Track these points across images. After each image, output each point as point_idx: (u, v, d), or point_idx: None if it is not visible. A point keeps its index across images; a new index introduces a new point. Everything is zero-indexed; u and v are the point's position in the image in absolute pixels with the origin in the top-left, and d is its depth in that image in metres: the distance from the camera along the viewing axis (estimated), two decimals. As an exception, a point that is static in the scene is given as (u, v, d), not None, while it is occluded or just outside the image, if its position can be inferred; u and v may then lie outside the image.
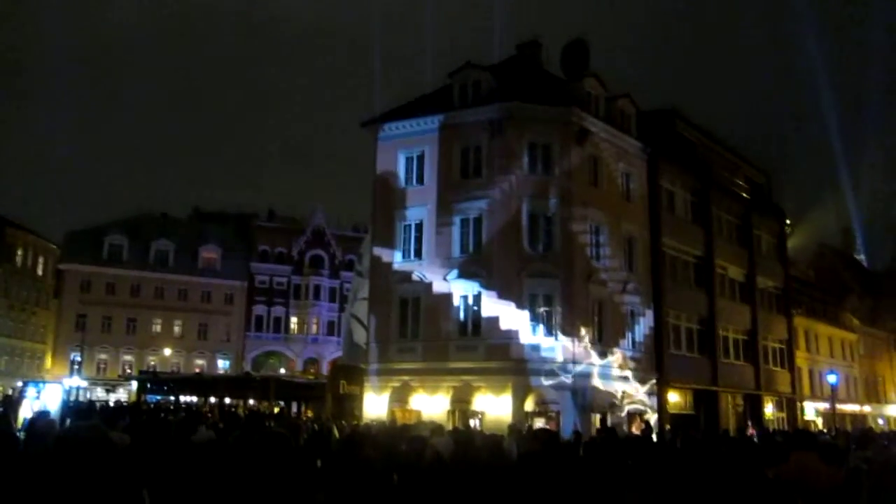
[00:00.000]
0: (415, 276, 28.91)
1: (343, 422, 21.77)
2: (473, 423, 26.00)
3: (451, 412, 26.85)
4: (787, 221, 45.74)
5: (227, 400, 36.11)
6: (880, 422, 50.19)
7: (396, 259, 29.58)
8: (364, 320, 30.86)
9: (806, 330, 46.60)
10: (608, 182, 30.46)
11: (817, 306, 49.96)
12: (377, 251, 30.18)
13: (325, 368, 56.69)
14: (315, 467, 10.88)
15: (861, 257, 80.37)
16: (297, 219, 69.49)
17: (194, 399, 39.06)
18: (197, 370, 57.42)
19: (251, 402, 35.38)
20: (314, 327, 65.36)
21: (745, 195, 40.70)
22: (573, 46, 35.24)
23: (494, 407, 26.08)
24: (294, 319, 64.95)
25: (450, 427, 18.64)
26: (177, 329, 61.24)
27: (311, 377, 44.74)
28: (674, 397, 32.34)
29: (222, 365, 61.20)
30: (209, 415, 24.06)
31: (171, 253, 61.43)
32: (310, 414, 31.36)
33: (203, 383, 40.62)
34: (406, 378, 28.14)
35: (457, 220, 28.72)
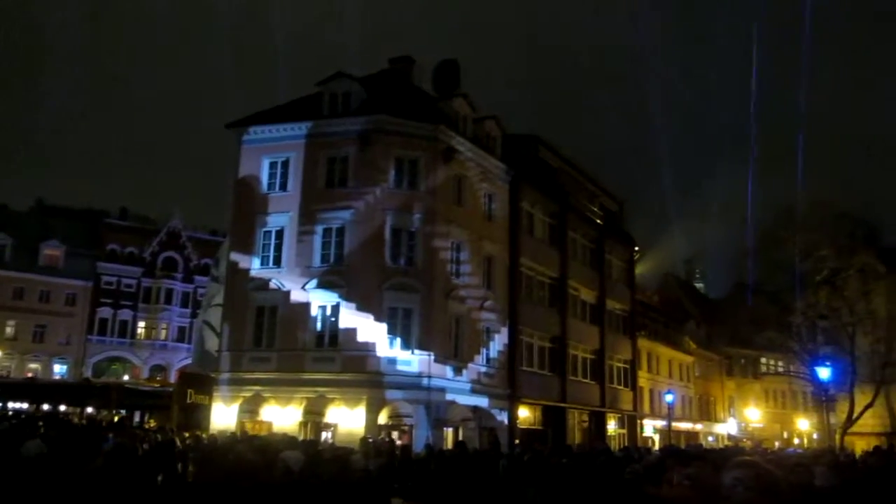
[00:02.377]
0: (273, 284, 28.31)
1: (187, 433, 20.90)
2: (326, 435, 25.74)
3: (304, 424, 26.44)
4: (637, 249, 48.27)
5: (63, 408, 33.83)
6: (710, 439, 53.74)
7: (255, 266, 28.85)
8: (217, 327, 29.89)
9: (648, 351, 49.26)
10: (471, 201, 31.09)
11: (660, 330, 52.97)
12: (235, 257, 29.33)
13: (173, 377, 54.26)
14: (155, 480, 10.39)
15: (701, 286, 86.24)
16: (153, 219, 66.44)
17: (25, 406, 36.29)
18: (30, 375, 53.40)
19: (90, 410, 33.32)
20: (163, 333, 62.40)
21: (599, 221, 42.65)
22: (445, 66, 35.85)
23: (348, 420, 25.88)
24: (142, 324, 61.72)
25: (302, 439, 18.37)
26: (9, 330, 56.71)
27: (156, 385, 42.73)
28: (524, 413, 33.29)
29: (59, 370, 57.24)
30: (41, 424, 22.44)
31: (7, 248, 56.92)
32: (153, 424, 29.90)
33: (36, 389, 37.86)
34: (258, 388, 27.43)
35: (319, 229, 28.41)
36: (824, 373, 32.82)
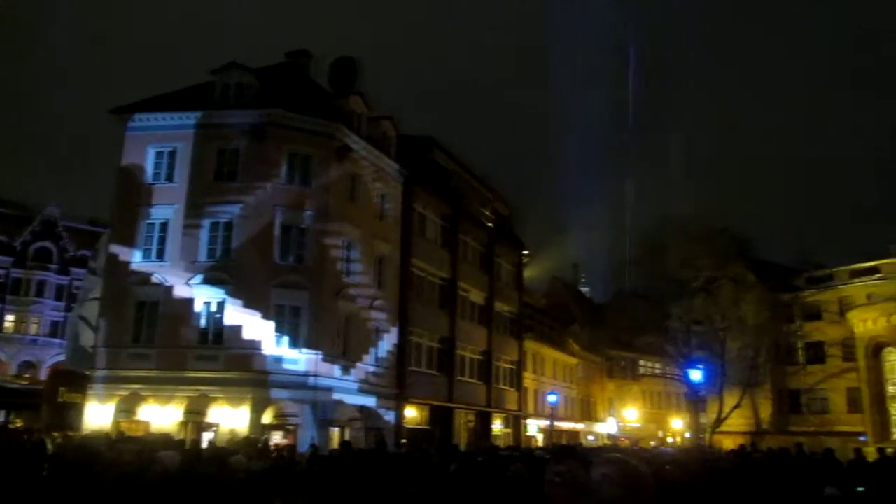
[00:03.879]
0: (155, 279, 27.27)
1: (56, 433, 19.85)
2: (207, 435, 25.02)
3: (184, 424, 25.59)
4: (525, 252, 49.36)
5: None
6: (590, 438, 55.53)
7: (136, 259, 27.70)
8: (94, 322, 28.53)
9: (534, 353, 50.42)
10: (365, 200, 30.96)
11: (546, 332, 54.34)
12: (115, 249, 28.06)
13: (44, 374, 51.33)
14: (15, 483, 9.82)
15: (586, 290, 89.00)
16: (26, 205, 62.56)
17: None
18: None
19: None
20: (34, 327, 58.83)
21: (490, 225, 43.37)
22: (342, 63, 35.53)
23: (231, 419, 25.26)
24: (10, 317, 57.99)
25: (183, 440, 17.77)
26: None
27: (25, 383, 40.30)
28: (412, 413, 33.42)
29: (-87, 365, 53.14)
30: None
31: None
32: (19, 424, 28.22)
33: None
34: (136, 387, 26.34)
35: (206, 223, 27.60)
36: (696, 375, 34.62)
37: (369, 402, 29.86)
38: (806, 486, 9.54)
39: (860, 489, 11.03)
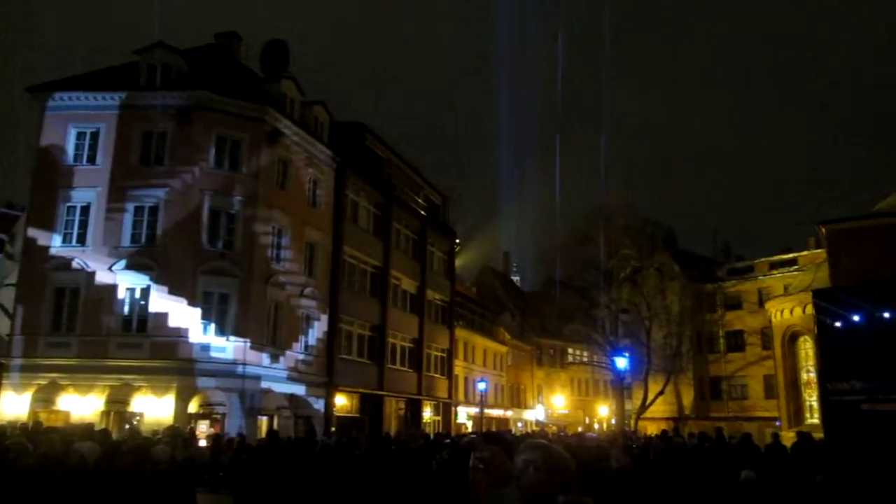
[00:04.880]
0: (75, 264, 26.34)
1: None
2: (130, 425, 24.40)
3: (106, 414, 24.89)
4: (457, 241, 49.62)
5: None
6: (519, 425, 56.31)
7: (55, 243, 26.67)
8: (9, 309, 27.43)
9: (465, 341, 50.77)
10: (295, 186, 30.54)
11: (476, 320, 54.76)
12: (33, 233, 26.94)
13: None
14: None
15: (517, 279, 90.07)
16: (-65, 186, 59.73)
17: None
18: None
19: None
20: (-55, 314, 56.28)
21: (423, 213, 43.37)
22: (273, 46, 34.86)
23: (155, 409, 24.66)
24: (-82, 303, 55.33)
25: (108, 430, 17.27)
26: None
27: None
28: (341, 401, 33.26)
29: None
30: None
31: None
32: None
33: None
34: (55, 376, 25.42)
35: (131, 207, 26.78)
36: (622, 362, 35.48)
37: (298, 390, 29.58)
38: (723, 469, 9.87)
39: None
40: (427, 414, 42.08)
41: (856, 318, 27.25)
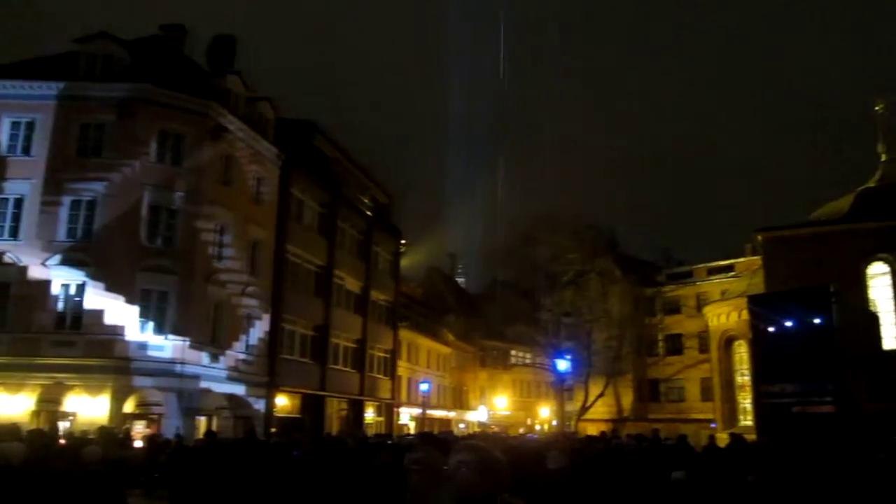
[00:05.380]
0: (7, 258, 25.49)
1: None
2: (63, 426, 23.68)
3: (37, 414, 24.11)
4: (403, 242, 49.52)
5: None
6: (461, 426, 56.48)
7: (-14, 237, 25.81)
8: (-65, 304, 26.40)
9: (409, 342, 50.71)
10: (240, 183, 30.11)
11: (421, 321, 54.74)
12: (-38, 225, 26.02)
13: None
14: None
15: (462, 281, 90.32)
16: None
17: None
18: None
19: None
20: None
21: (369, 213, 43.20)
22: (220, 41, 34.38)
23: (89, 408, 24.00)
24: None
25: (42, 429, 16.74)
26: None
27: None
28: (283, 401, 32.90)
29: None
30: None
31: None
32: None
33: None
34: (-17, 374, 24.55)
35: (67, 200, 26.04)
36: (563, 364, 35.93)
37: (239, 390, 29.16)
38: (658, 470, 10.07)
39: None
40: (370, 415, 41.92)
41: (788, 323, 28.10)
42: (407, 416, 49.41)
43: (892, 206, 33.95)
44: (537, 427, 63.43)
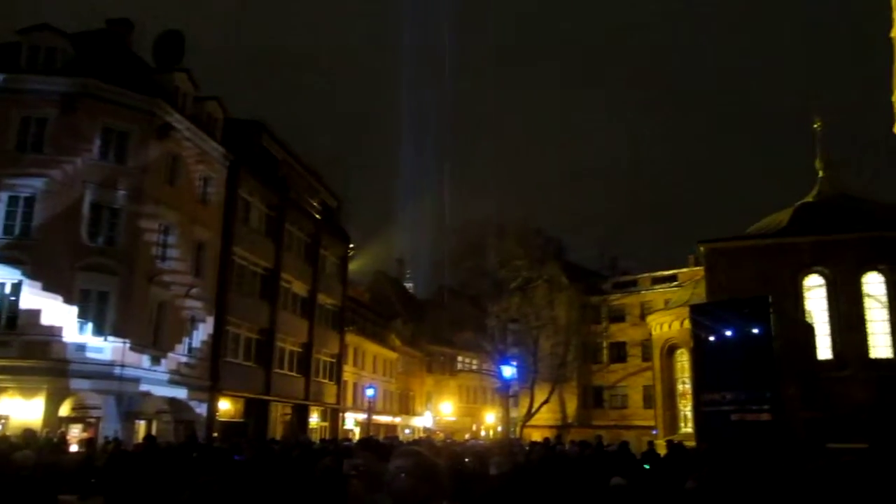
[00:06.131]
0: (-61, 255, 24.60)
1: None
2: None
3: (-34, 416, 23.30)
4: (351, 246, 49.30)
5: None
6: (407, 431, 56.41)
7: (-84, 232, 24.85)
8: None
9: (355, 347, 50.45)
10: (185, 183, 29.60)
11: (368, 326, 54.53)
12: None
13: None
14: None
15: (410, 285, 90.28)
16: None
17: None
18: None
19: None
20: None
21: (317, 216, 42.89)
22: (168, 37, 33.77)
23: (23, 411, 23.27)
24: None
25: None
26: None
27: None
28: (225, 405, 32.40)
29: None
30: None
31: None
32: None
33: None
34: None
35: (4, 196, 25.24)
36: (508, 371, 36.17)
37: (180, 393, 28.61)
38: (599, 476, 10.21)
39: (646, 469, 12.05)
40: (314, 420, 41.54)
41: (728, 332, 28.79)
42: (352, 422, 49.12)
43: (828, 220, 35.04)
44: (483, 433, 63.73)
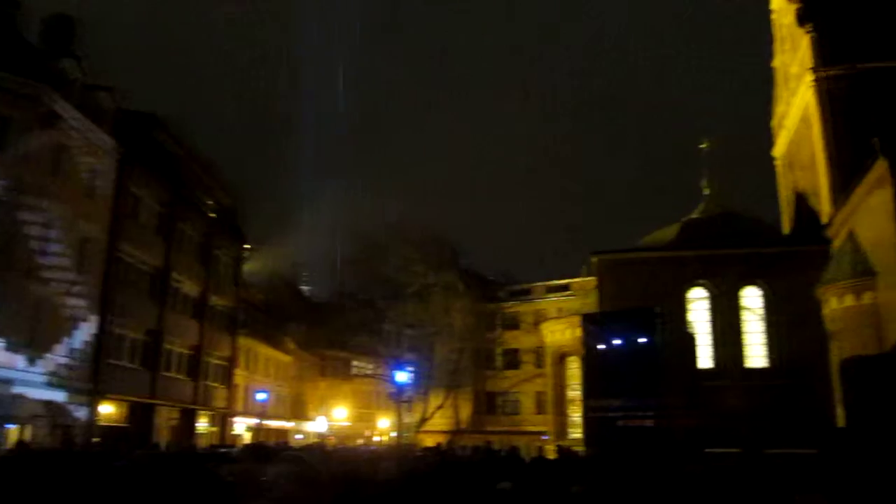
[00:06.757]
0: None
1: None
2: None
3: None
4: (247, 246, 48.21)
5: None
6: (298, 437, 55.49)
7: None
8: None
9: (248, 350, 49.30)
10: (71, 175, 28.20)
11: (261, 328, 53.37)
12: None
13: None
14: None
15: (307, 288, 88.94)
16: None
17: None
18: None
19: None
20: None
21: (212, 215, 41.73)
22: (58, 21, 32.04)
23: None
24: None
25: None
26: None
27: None
28: (108, 409, 31.01)
29: None
30: None
31: None
32: None
33: None
34: None
35: None
36: (402, 376, 36.26)
37: (58, 396, 27.15)
38: (489, 481, 10.35)
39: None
40: (203, 424, 40.31)
41: (616, 341, 29.71)
42: (243, 426, 47.93)
43: (711, 236, 36.90)
44: (376, 438, 63.43)
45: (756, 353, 34.89)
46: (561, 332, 47.37)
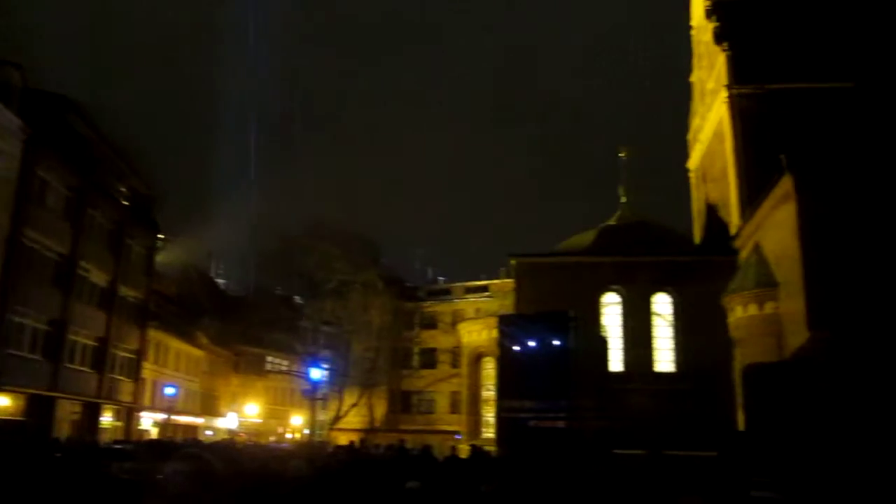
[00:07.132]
0: None
1: None
2: None
3: None
4: (161, 237, 46.83)
5: None
6: (208, 433, 54.24)
7: None
8: None
9: (158, 343, 47.92)
10: (-28, 154, 26.79)
11: (173, 321, 51.93)
12: None
13: None
14: None
15: (223, 282, 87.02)
16: None
17: None
18: None
19: None
20: None
21: (125, 203, 40.35)
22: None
23: None
24: None
25: None
26: None
27: None
28: (5, 402, 29.58)
29: None
30: None
31: None
32: None
33: None
34: None
35: None
36: (316, 373, 35.93)
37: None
38: (398, 480, 10.34)
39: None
40: (107, 419, 38.91)
41: (531, 343, 30.17)
42: (150, 422, 46.55)
43: (626, 243, 37.88)
44: (289, 436, 62.62)
45: (665, 358, 35.99)
46: (478, 333, 47.76)
